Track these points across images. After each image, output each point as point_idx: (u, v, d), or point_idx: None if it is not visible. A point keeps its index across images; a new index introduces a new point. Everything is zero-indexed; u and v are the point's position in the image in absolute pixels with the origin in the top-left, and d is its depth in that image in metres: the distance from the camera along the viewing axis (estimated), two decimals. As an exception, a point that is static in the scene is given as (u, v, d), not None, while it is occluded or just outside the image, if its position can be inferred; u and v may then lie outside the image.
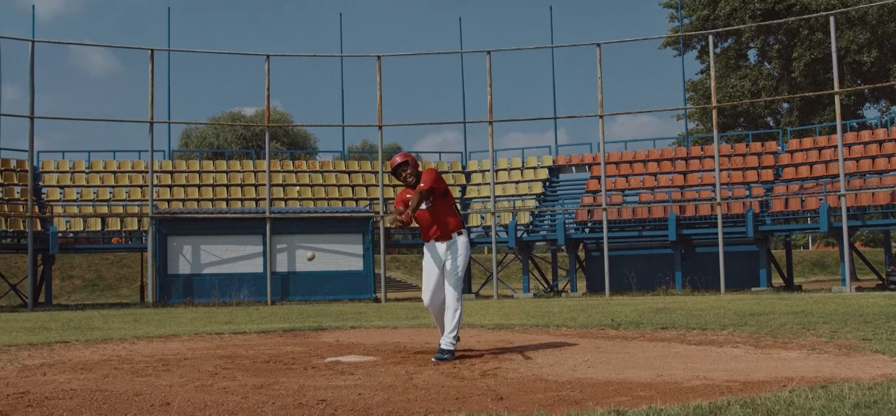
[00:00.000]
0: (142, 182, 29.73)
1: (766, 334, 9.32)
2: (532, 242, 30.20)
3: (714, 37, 28.81)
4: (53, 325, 14.38)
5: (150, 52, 26.36)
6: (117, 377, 7.02)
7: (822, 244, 64.60)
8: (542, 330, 10.98)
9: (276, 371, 7.18)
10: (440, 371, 6.92)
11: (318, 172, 32.40)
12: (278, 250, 26.15)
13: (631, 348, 8.45)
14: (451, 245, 8.03)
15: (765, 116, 47.44)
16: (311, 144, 61.51)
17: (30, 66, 25.46)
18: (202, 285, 25.26)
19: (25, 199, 26.63)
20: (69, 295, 36.66)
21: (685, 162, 30.60)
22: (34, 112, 25.49)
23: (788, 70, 43.49)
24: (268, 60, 26.94)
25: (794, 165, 28.88)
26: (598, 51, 26.85)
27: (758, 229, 26.04)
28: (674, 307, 15.77)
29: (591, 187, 30.00)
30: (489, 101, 27.51)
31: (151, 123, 26.28)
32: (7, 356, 8.81)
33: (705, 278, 25.95)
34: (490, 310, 17.15)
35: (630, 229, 27.90)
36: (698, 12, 44.97)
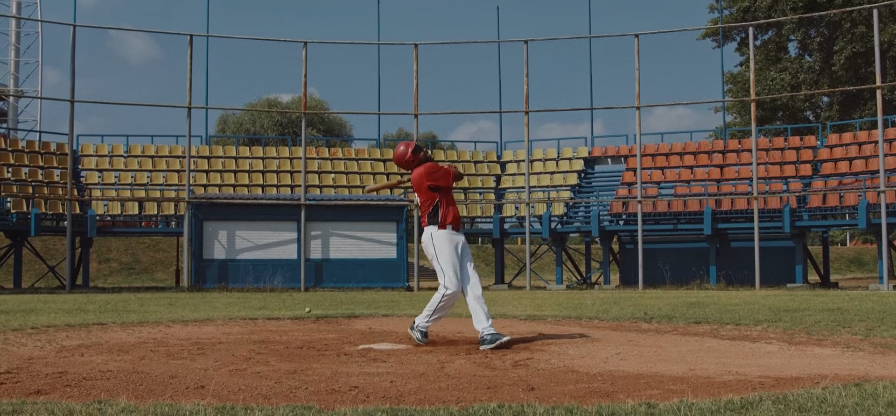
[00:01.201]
0: (179, 167, 29.99)
1: (800, 330, 9.25)
2: (566, 233, 30.11)
3: (754, 29, 28.53)
4: (91, 307, 14.58)
5: (189, 37, 26.55)
6: (153, 359, 7.12)
7: (859, 241, 63.81)
8: (574, 322, 10.97)
9: (309, 357, 7.24)
10: (472, 360, 6.95)
11: (353, 159, 32.50)
12: (312, 236, 26.29)
13: (663, 341, 8.43)
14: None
15: (804, 109, 46.95)
16: (346, 131, 61.77)
17: (71, 51, 25.77)
18: (237, 271, 25.46)
19: (65, 182, 26.98)
20: (106, 278, 37.12)
21: (722, 155, 30.35)
22: (75, 96, 25.81)
23: (829, 63, 43.00)
24: (305, 47, 27.05)
25: (833, 161, 28.55)
26: (636, 41, 26.69)
27: (794, 224, 25.77)
28: (707, 302, 15.68)
29: (627, 179, 29.85)
30: (526, 90, 27.45)
31: (189, 109, 26.49)
32: (46, 337, 8.96)
33: (740, 272, 25.75)
34: (523, 301, 17.15)
35: (665, 222, 27.74)
36: (739, 3, 44.60)
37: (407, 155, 8.60)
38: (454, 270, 8.21)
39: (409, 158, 8.58)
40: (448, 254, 8.25)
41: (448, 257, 8.24)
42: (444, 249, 8.26)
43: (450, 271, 8.20)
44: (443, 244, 8.27)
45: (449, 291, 8.18)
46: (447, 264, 8.22)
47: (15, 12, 63.97)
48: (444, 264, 8.24)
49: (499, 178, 32.03)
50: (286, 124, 57.72)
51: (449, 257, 8.24)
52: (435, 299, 8.29)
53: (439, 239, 8.28)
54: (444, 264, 8.24)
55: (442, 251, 8.26)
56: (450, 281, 8.18)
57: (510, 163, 32.54)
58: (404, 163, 8.63)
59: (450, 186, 8.50)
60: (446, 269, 8.22)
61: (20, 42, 65.57)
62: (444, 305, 8.27)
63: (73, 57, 25.74)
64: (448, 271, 8.20)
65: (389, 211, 26.79)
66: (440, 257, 8.27)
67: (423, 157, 8.60)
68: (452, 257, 8.24)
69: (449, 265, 8.21)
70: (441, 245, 8.27)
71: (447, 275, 8.20)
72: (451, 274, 8.20)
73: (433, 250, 8.30)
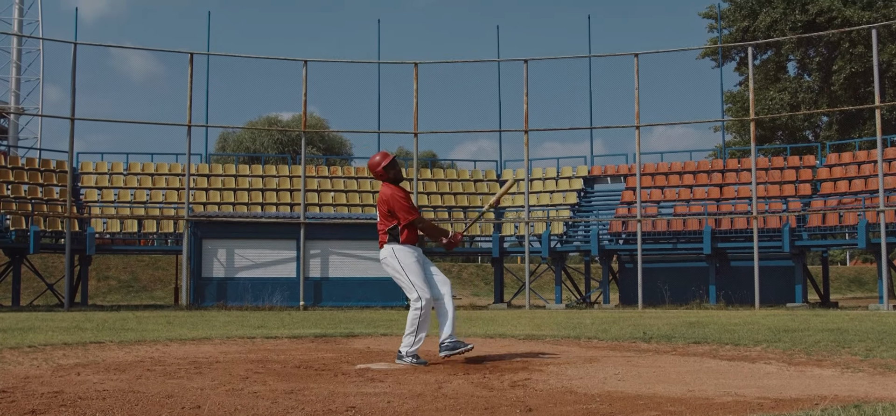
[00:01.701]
0: (178, 185, 29.99)
1: (799, 351, 9.22)
2: (565, 252, 30.08)
3: (753, 48, 28.57)
4: (88, 325, 14.55)
5: (190, 55, 26.60)
6: (149, 378, 7.09)
7: (859, 261, 63.67)
8: (573, 342, 10.94)
9: (307, 377, 7.21)
10: (470, 381, 6.92)
11: (353, 178, 32.52)
12: (312, 255, 26.27)
13: (662, 362, 8.39)
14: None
15: (803, 129, 46.99)
16: (346, 149, 61.75)
17: (72, 69, 25.81)
18: (236, 289, 25.43)
19: (64, 200, 26.96)
20: (105, 296, 37.05)
21: (722, 175, 30.36)
22: (75, 114, 25.83)
23: (828, 83, 43.06)
24: (306, 66, 27.10)
25: (833, 180, 28.56)
26: (636, 61, 26.73)
27: (794, 243, 25.75)
28: (707, 322, 15.64)
29: (626, 199, 29.85)
30: (525, 110, 27.48)
31: (189, 127, 26.50)
32: (42, 355, 8.92)
33: (740, 292, 25.71)
34: (522, 320, 17.11)
35: (664, 242, 27.72)
36: (738, 24, 44.70)
37: (379, 166, 8.53)
38: (422, 280, 8.24)
39: (379, 171, 8.54)
40: (413, 265, 8.27)
41: (414, 269, 8.25)
42: (407, 261, 8.28)
43: (419, 281, 8.21)
44: (406, 257, 8.29)
45: (422, 302, 8.18)
46: (415, 276, 8.23)
47: (17, 30, 64.14)
48: (411, 277, 8.23)
49: (498, 196, 31.97)
50: (286, 143, 57.73)
51: (415, 268, 8.25)
52: (412, 318, 8.23)
53: (401, 252, 8.29)
54: (411, 276, 8.24)
55: (407, 264, 8.26)
56: (421, 292, 8.19)
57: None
58: (375, 173, 8.58)
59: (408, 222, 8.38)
60: (415, 280, 8.22)
61: (21, 59, 65.74)
62: (423, 318, 8.21)
63: (73, 75, 25.78)
64: (417, 281, 8.21)
65: (389, 230, 26.73)
66: (406, 271, 8.25)
67: (393, 176, 8.54)
68: (417, 267, 8.28)
69: (416, 276, 8.23)
70: (404, 258, 8.28)
71: (416, 286, 8.20)
72: (420, 284, 8.21)
73: (397, 264, 8.29)
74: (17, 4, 65.92)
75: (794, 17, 42.14)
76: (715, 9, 44.29)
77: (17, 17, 65.88)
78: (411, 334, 8.21)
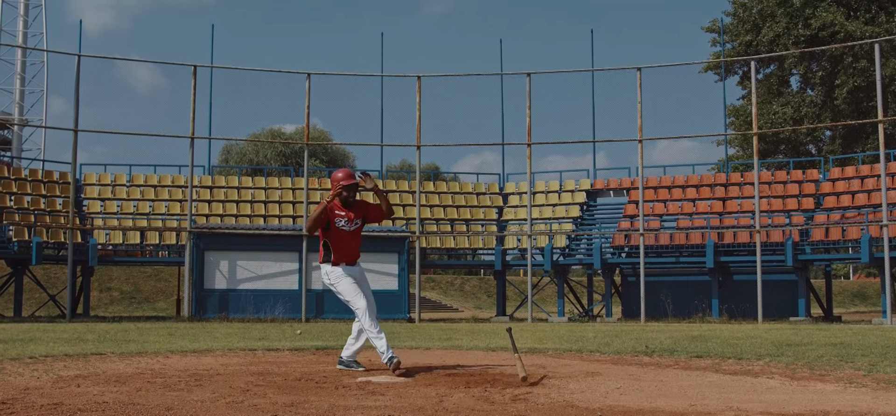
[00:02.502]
0: (181, 196, 30.00)
1: (802, 365, 9.19)
2: (568, 265, 30.04)
3: (756, 63, 28.58)
4: (90, 336, 14.53)
5: (193, 68, 26.63)
6: (150, 390, 7.07)
7: (863, 275, 63.60)
8: (575, 355, 10.91)
9: (307, 390, 7.19)
10: (471, 395, 6.89)
11: (355, 190, 32.46)
12: (314, 267, 26.24)
13: (665, 376, 8.36)
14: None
15: (806, 143, 46.96)
16: (349, 162, 61.81)
17: (75, 81, 25.84)
18: (238, 301, 25.41)
19: (67, 211, 26.97)
20: (107, 307, 37.05)
21: (724, 188, 30.32)
22: (78, 125, 25.85)
23: (831, 97, 43.04)
24: (309, 79, 27.12)
25: (836, 194, 28.52)
26: (639, 75, 26.73)
27: (797, 257, 25.71)
28: (710, 335, 15.60)
29: (629, 212, 29.82)
30: (528, 123, 27.48)
31: (192, 139, 26.52)
32: (43, 367, 8.91)
33: (742, 306, 25.66)
34: (524, 333, 17.08)
35: (667, 255, 27.68)
36: (741, 38, 44.71)
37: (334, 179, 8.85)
38: (357, 293, 8.61)
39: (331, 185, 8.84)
40: (346, 285, 8.66)
41: (347, 287, 8.65)
42: (340, 282, 8.69)
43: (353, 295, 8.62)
44: (338, 279, 8.70)
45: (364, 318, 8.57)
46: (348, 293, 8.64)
47: (21, 42, 64.31)
48: (346, 295, 8.67)
49: (501, 209, 32.02)
50: (289, 155, 57.81)
51: (348, 287, 8.64)
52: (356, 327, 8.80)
53: (334, 276, 8.73)
54: (346, 294, 8.67)
55: (339, 284, 8.69)
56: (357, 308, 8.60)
57: (513, 195, 32.53)
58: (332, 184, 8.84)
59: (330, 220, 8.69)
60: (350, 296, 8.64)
61: (26, 71, 65.90)
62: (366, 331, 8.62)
63: (77, 87, 25.80)
64: (351, 296, 8.62)
65: (391, 242, 26.76)
66: (341, 292, 8.70)
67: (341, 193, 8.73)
68: (350, 284, 8.65)
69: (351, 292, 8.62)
70: (336, 280, 8.70)
71: (352, 301, 8.63)
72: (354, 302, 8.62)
73: (331, 284, 8.78)
74: (21, 16, 66.12)
75: (797, 31, 42.15)
76: (718, 23, 44.32)
77: (21, 29, 66.08)
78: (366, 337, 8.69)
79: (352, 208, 8.81)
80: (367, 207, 9.03)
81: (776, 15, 43.07)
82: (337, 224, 8.68)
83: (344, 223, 8.71)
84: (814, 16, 41.68)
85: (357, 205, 8.88)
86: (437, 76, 29.20)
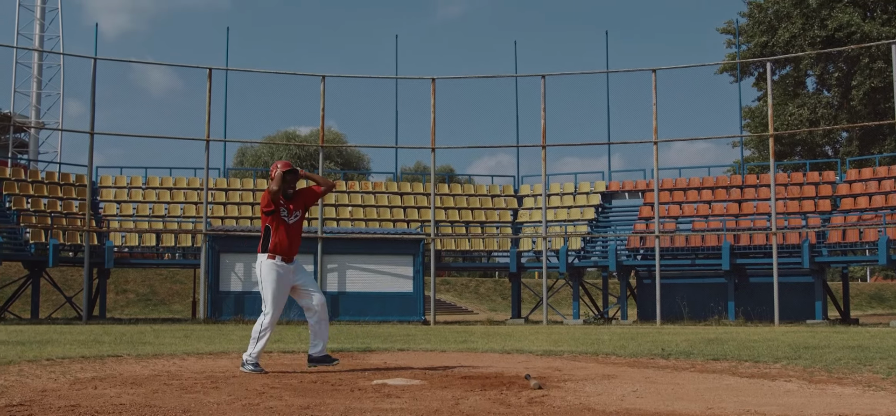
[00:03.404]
0: (197, 199, 30.10)
1: (820, 368, 9.13)
2: (583, 267, 29.98)
3: (772, 64, 28.45)
4: (106, 338, 14.59)
5: (208, 71, 26.72)
6: (166, 393, 7.08)
7: (880, 277, 63.28)
8: (590, 358, 10.88)
9: (323, 392, 7.19)
10: (487, 397, 6.88)
11: (370, 192, 32.54)
12: (329, 269, 26.28)
13: (681, 379, 8.33)
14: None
15: (823, 145, 46.70)
16: (364, 164, 61.90)
17: (91, 84, 25.98)
18: (253, 303, 25.41)
19: (83, 213, 27.10)
20: (123, 309, 37.20)
21: (740, 190, 30.20)
22: (94, 128, 25.98)
23: (848, 99, 42.80)
24: (323, 81, 27.16)
25: (853, 196, 28.36)
26: (654, 76, 26.66)
27: (814, 260, 25.58)
28: (726, 338, 15.54)
29: (644, 214, 29.73)
30: (543, 125, 27.46)
31: (207, 141, 26.61)
32: (60, 368, 8.94)
33: (759, 308, 25.55)
34: (539, 336, 17.05)
35: (683, 257, 27.58)
36: (757, 39, 44.50)
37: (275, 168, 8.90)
38: (274, 302, 8.68)
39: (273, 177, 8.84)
40: (271, 284, 8.70)
41: (271, 288, 8.70)
42: (268, 279, 8.72)
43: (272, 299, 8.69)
44: (268, 274, 8.74)
45: (267, 319, 8.67)
46: (270, 294, 8.69)
47: (38, 45, 64.67)
48: (267, 294, 8.73)
49: (516, 212, 31.99)
50: (304, 157, 57.89)
51: (271, 288, 8.69)
52: (255, 329, 8.74)
53: (266, 269, 8.75)
54: (267, 294, 8.73)
55: (266, 281, 8.72)
56: (269, 309, 8.69)
57: (527, 197, 32.50)
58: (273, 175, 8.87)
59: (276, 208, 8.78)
60: (266, 298, 8.72)
61: (42, 74, 66.26)
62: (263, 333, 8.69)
63: (93, 90, 25.94)
64: (271, 299, 8.68)
65: (406, 244, 26.78)
66: (264, 288, 8.74)
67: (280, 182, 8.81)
68: (276, 288, 8.69)
69: (272, 295, 8.69)
70: (267, 275, 8.74)
71: (266, 303, 8.71)
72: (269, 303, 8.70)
73: (260, 276, 8.81)
74: (38, 20, 66.52)
75: (813, 32, 41.94)
76: (733, 24, 44.15)
77: (38, 32, 66.50)
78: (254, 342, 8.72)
79: (291, 200, 8.94)
80: (303, 193, 9.15)
81: (792, 16, 42.87)
82: (281, 212, 8.79)
83: (285, 213, 8.82)
84: (830, 17, 41.46)
85: (296, 197, 8.99)
86: (451, 79, 29.22)
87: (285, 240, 8.78)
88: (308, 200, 9.14)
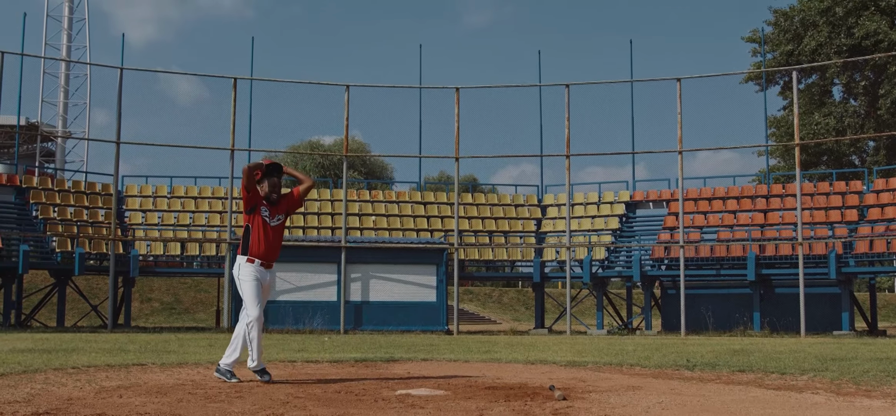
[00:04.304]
0: (221, 208, 30.24)
1: (848, 380, 9.03)
2: (607, 277, 29.87)
3: (798, 73, 28.25)
4: (131, 347, 14.65)
5: (233, 80, 26.86)
6: (191, 402, 7.09)
7: (908, 288, 62.56)
8: (615, 369, 10.81)
9: (347, 402, 7.18)
10: (511, 408, 6.84)
11: (394, 202, 32.58)
12: (352, 279, 26.30)
13: (707, 390, 8.26)
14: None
15: (849, 154, 46.35)
16: (387, 173, 61.99)
17: (118, 93, 26.17)
18: (276, 312, 25.49)
19: (109, 222, 27.29)
20: (147, 318, 37.40)
21: (766, 200, 30.00)
22: (120, 137, 26.17)
23: (875, 107, 42.47)
24: (348, 91, 27.23)
25: (880, 206, 28.09)
26: (679, 85, 26.55)
27: (840, 270, 25.35)
28: (752, 349, 15.41)
29: (669, 224, 29.58)
30: (567, 134, 27.39)
31: (232, 151, 26.73)
32: (86, 377, 8.98)
33: (784, 319, 25.35)
34: (563, 346, 16.98)
35: (708, 268, 27.41)
36: (782, 47, 44.27)
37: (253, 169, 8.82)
38: (257, 301, 8.56)
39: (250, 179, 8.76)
40: (252, 287, 8.58)
41: (251, 290, 8.57)
42: (247, 280, 8.61)
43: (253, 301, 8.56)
44: (247, 276, 8.62)
45: (252, 317, 8.50)
46: (250, 297, 8.57)
47: (65, 55, 65.26)
48: (247, 297, 8.60)
49: (539, 221, 31.93)
50: (328, 166, 58.04)
51: (252, 290, 8.57)
52: (239, 331, 8.57)
53: (244, 272, 8.64)
54: (247, 296, 8.60)
55: (245, 282, 8.61)
56: (253, 309, 8.54)
57: (551, 206, 32.42)
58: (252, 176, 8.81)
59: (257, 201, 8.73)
60: (250, 301, 8.58)
61: (69, 84, 66.83)
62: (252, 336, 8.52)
63: (119, 99, 26.14)
64: (252, 301, 8.55)
65: (429, 254, 26.77)
66: (243, 289, 8.61)
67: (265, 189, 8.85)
68: (256, 287, 8.59)
69: (253, 298, 8.57)
70: (245, 276, 8.62)
71: (250, 307, 8.55)
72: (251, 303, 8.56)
73: (238, 278, 8.67)
74: (65, 30, 67.14)
75: (840, 40, 41.66)
76: (758, 33, 43.92)
77: (65, 43, 67.08)
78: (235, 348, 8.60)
79: (276, 204, 8.89)
80: (288, 198, 9.09)
81: (818, 24, 42.61)
82: (262, 213, 8.73)
83: (266, 214, 8.77)
84: (857, 25, 41.19)
85: (281, 201, 8.95)
86: (475, 88, 29.22)
87: (265, 244, 8.73)
88: (291, 207, 9.09)
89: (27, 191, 28.80)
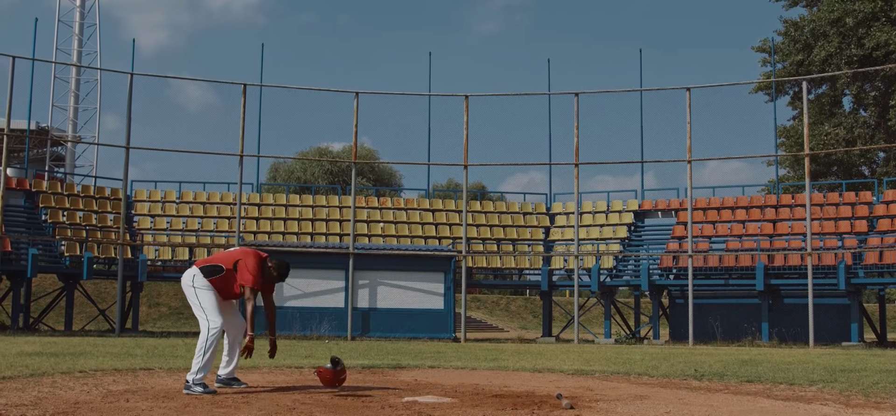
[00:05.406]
0: (230, 214, 30.29)
1: (857, 392, 8.98)
2: (615, 286, 29.79)
3: (808, 83, 28.19)
4: (138, 351, 14.67)
5: (243, 86, 26.89)
6: (197, 407, 7.09)
7: (918, 299, 62.32)
8: (622, 378, 10.78)
9: (354, 409, 7.17)
10: (517, 416, 6.82)
11: (402, 209, 32.59)
12: (360, 285, 26.29)
13: (714, 401, 8.22)
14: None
15: (859, 164, 46.19)
16: (396, 181, 62.02)
17: (128, 98, 26.25)
18: (284, 318, 25.46)
19: (118, 227, 27.35)
20: (155, 322, 37.45)
21: (775, 210, 29.92)
22: (130, 143, 26.24)
23: (885, 118, 42.32)
24: (357, 97, 27.25)
25: (890, 217, 27.98)
26: (688, 95, 26.49)
27: (850, 281, 25.25)
28: (760, 359, 15.35)
29: (677, 233, 29.52)
30: (576, 143, 27.36)
31: (241, 157, 26.76)
32: (93, 381, 8.99)
33: (793, 330, 25.25)
34: (570, 354, 16.94)
35: (716, 277, 27.33)
36: (792, 57, 44.14)
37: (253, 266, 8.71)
38: (217, 311, 8.41)
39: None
40: (210, 298, 8.43)
41: (210, 300, 8.42)
42: (204, 293, 8.45)
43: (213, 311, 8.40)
44: (203, 289, 8.46)
45: (213, 328, 8.30)
46: (209, 306, 8.41)
47: (76, 60, 65.50)
48: (205, 306, 8.41)
49: (548, 229, 31.89)
50: (336, 173, 58.11)
51: (211, 301, 8.42)
52: (201, 342, 8.32)
53: (199, 283, 8.47)
54: (205, 305, 8.41)
55: (202, 294, 8.43)
56: (213, 319, 8.35)
57: (559, 215, 32.39)
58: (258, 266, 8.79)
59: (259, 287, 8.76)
60: (209, 309, 8.40)
61: (79, 89, 66.99)
62: (211, 344, 8.30)
63: (129, 105, 26.22)
64: (211, 310, 8.39)
65: (437, 261, 26.74)
66: (202, 302, 8.41)
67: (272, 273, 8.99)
68: (215, 300, 8.44)
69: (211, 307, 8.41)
70: (201, 289, 8.45)
71: (211, 316, 8.36)
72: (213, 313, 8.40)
73: (194, 287, 8.47)
74: (76, 35, 67.32)
75: (850, 50, 41.53)
76: (768, 43, 43.83)
77: (76, 48, 67.26)
78: (200, 360, 8.27)
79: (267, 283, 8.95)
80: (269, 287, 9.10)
81: (828, 34, 42.49)
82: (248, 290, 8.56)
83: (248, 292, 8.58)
84: (867, 35, 41.07)
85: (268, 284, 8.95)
86: (484, 96, 29.21)
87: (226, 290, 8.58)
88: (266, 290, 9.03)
89: (37, 195, 28.89)
